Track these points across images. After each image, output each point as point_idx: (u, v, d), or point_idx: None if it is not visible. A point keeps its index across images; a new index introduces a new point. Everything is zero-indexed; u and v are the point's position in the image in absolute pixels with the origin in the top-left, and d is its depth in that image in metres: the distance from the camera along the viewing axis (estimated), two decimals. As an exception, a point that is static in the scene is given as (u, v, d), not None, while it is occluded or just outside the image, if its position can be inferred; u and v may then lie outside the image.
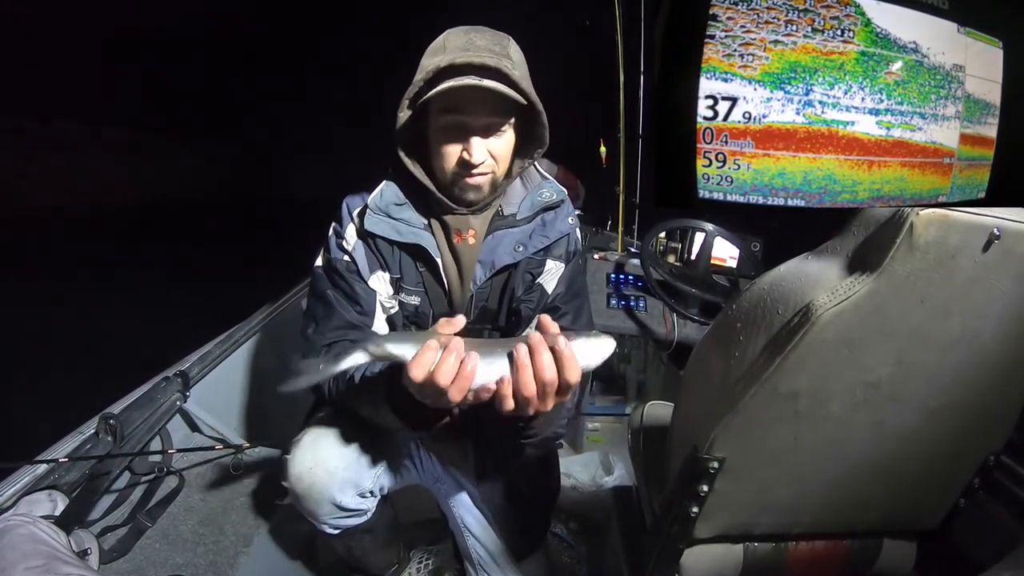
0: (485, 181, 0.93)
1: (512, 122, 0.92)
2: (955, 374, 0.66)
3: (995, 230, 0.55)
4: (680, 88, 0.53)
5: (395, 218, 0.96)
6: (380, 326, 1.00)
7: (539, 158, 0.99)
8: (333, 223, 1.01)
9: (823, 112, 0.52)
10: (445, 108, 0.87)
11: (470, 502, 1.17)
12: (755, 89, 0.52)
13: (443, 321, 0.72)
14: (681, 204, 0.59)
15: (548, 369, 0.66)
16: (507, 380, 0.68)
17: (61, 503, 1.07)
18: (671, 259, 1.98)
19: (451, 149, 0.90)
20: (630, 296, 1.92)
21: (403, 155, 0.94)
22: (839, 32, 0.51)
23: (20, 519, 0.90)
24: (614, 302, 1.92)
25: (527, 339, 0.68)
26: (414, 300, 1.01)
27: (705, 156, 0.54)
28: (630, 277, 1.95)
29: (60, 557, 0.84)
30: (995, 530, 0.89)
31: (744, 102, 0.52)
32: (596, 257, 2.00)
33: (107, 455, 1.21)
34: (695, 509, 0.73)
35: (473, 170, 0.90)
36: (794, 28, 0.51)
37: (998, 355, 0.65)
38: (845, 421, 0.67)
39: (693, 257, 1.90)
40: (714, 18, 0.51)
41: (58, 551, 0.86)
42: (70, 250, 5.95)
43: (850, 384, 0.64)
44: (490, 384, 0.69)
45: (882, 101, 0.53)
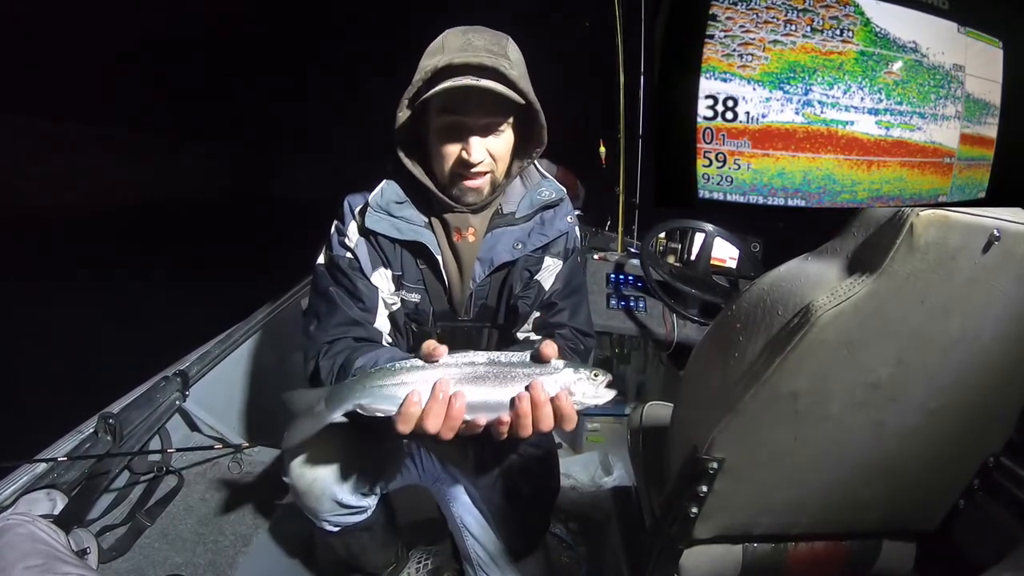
0: (484, 182, 0.93)
1: (511, 122, 0.92)
2: (955, 375, 0.66)
3: (995, 231, 0.55)
4: (680, 88, 0.53)
5: (396, 216, 0.97)
6: (382, 323, 1.01)
7: (538, 157, 1.00)
8: (335, 221, 1.02)
9: (822, 112, 0.52)
10: (444, 108, 0.88)
11: (469, 502, 1.17)
12: (754, 89, 0.52)
13: (427, 348, 0.73)
14: (681, 204, 0.59)
15: (547, 420, 0.70)
16: (504, 422, 0.72)
17: (60, 502, 1.07)
18: (671, 259, 1.98)
19: (450, 149, 0.90)
20: (630, 296, 1.92)
21: (403, 155, 0.94)
22: (838, 32, 0.51)
23: (19, 518, 0.90)
24: (614, 302, 1.92)
25: (531, 388, 0.70)
26: (414, 297, 1.02)
27: (705, 156, 0.54)
28: (630, 277, 1.95)
29: (59, 556, 0.84)
30: (995, 530, 0.89)
31: (744, 102, 0.52)
32: (596, 257, 2.00)
33: (106, 454, 1.21)
34: (695, 509, 0.73)
35: (472, 170, 0.90)
36: (793, 28, 0.51)
37: (998, 356, 0.65)
38: (845, 422, 0.67)
39: (693, 257, 1.90)
40: (713, 18, 0.51)
41: (57, 550, 0.86)
42: (70, 250, 5.96)
43: (850, 385, 0.64)
44: (481, 421, 0.72)
45: (881, 101, 0.53)
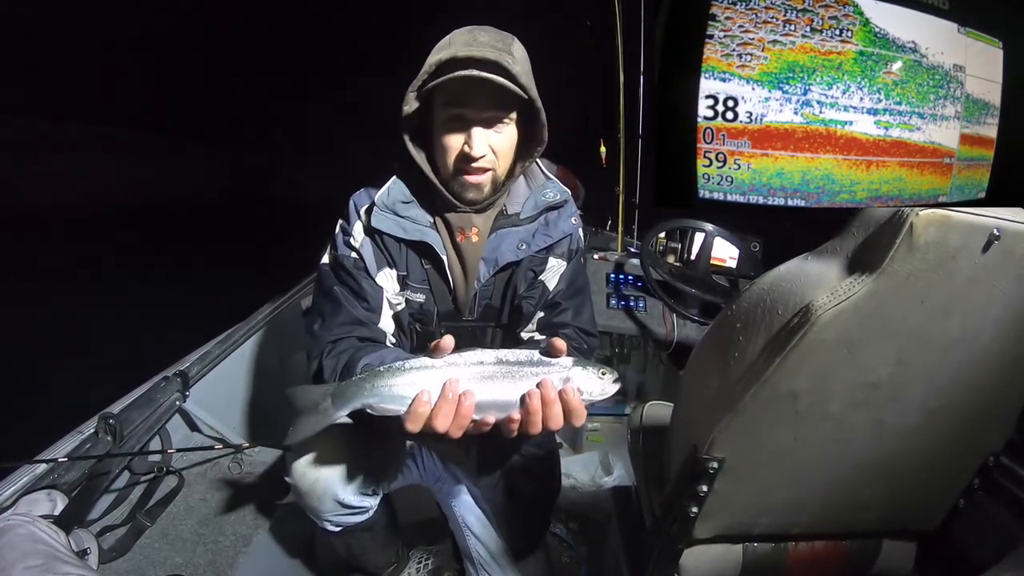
0: (486, 179, 0.93)
1: (513, 118, 0.92)
2: (955, 375, 0.66)
3: (995, 231, 0.55)
4: (680, 88, 0.53)
5: (402, 216, 0.97)
6: (386, 323, 1.01)
7: (539, 156, 1.00)
8: (340, 220, 1.02)
9: (821, 112, 0.52)
10: (448, 101, 0.89)
11: (471, 501, 1.17)
12: (753, 89, 0.52)
13: (435, 345, 0.73)
14: (681, 204, 0.59)
15: (557, 418, 0.72)
16: (515, 419, 0.73)
17: (60, 503, 1.07)
18: (671, 259, 1.98)
19: (453, 142, 0.90)
20: (630, 296, 1.92)
21: (409, 144, 0.94)
22: (837, 32, 0.51)
23: (19, 519, 0.90)
24: (614, 302, 1.92)
25: (541, 385, 0.71)
26: (419, 297, 1.02)
27: (705, 156, 0.54)
28: (630, 277, 1.95)
29: (59, 557, 0.84)
30: (995, 530, 0.89)
31: (743, 102, 0.52)
32: (596, 257, 2.00)
33: (106, 455, 1.21)
34: (695, 509, 0.73)
35: (473, 164, 0.90)
36: (792, 28, 0.51)
37: (998, 356, 0.65)
38: (845, 421, 0.67)
39: (693, 257, 1.90)
40: (713, 18, 0.51)
41: (57, 551, 0.86)
42: (71, 249, 5.98)
43: (850, 384, 0.64)
44: (491, 417, 0.73)
45: (880, 101, 0.53)
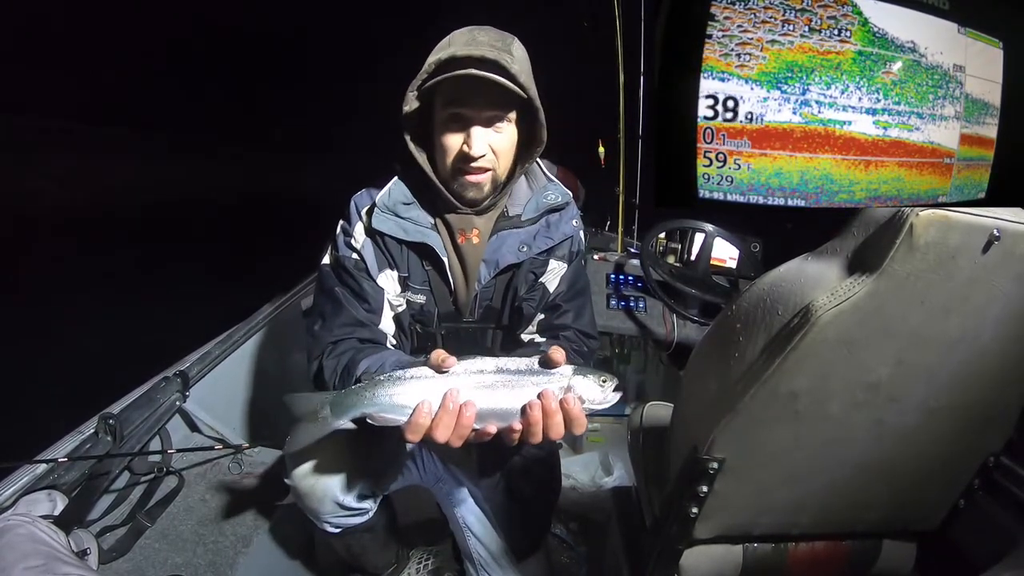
0: (485, 179, 0.93)
1: (513, 119, 0.92)
2: (955, 375, 0.66)
3: (995, 231, 0.55)
4: (680, 88, 0.53)
5: (403, 217, 0.97)
6: (387, 324, 1.01)
7: (538, 156, 1.00)
8: (341, 221, 1.02)
9: (820, 112, 0.52)
10: (447, 101, 0.89)
11: (472, 502, 1.17)
12: (752, 89, 0.52)
13: (436, 358, 0.73)
14: (681, 204, 0.59)
15: (558, 428, 0.72)
16: (516, 429, 0.73)
17: (60, 503, 1.07)
18: (671, 260, 1.98)
19: (452, 141, 0.90)
20: (630, 297, 1.92)
21: (410, 143, 0.94)
22: (836, 32, 0.51)
23: (19, 519, 0.90)
24: (614, 303, 1.92)
25: (542, 397, 0.71)
26: (420, 298, 1.03)
27: (705, 156, 0.54)
28: (630, 278, 1.95)
29: (59, 557, 0.84)
30: (995, 530, 0.89)
31: (743, 102, 0.52)
32: (596, 258, 2.00)
33: (106, 455, 1.21)
34: (695, 510, 0.73)
35: (473, 163, 0.90)
36: (791, 28, 0.51)
37: (998, 356, 0.65)
38: (845, 421, 0.67)
39: (693, 258, 1.90)
40: (711, 17, 0.51)
41: (57, 551, 0.86)
42: (80, 249, 6.00)
43: (850, 384, 0.64)
44: (492, 429, 0.73)
45: (879, 101, 0.53)
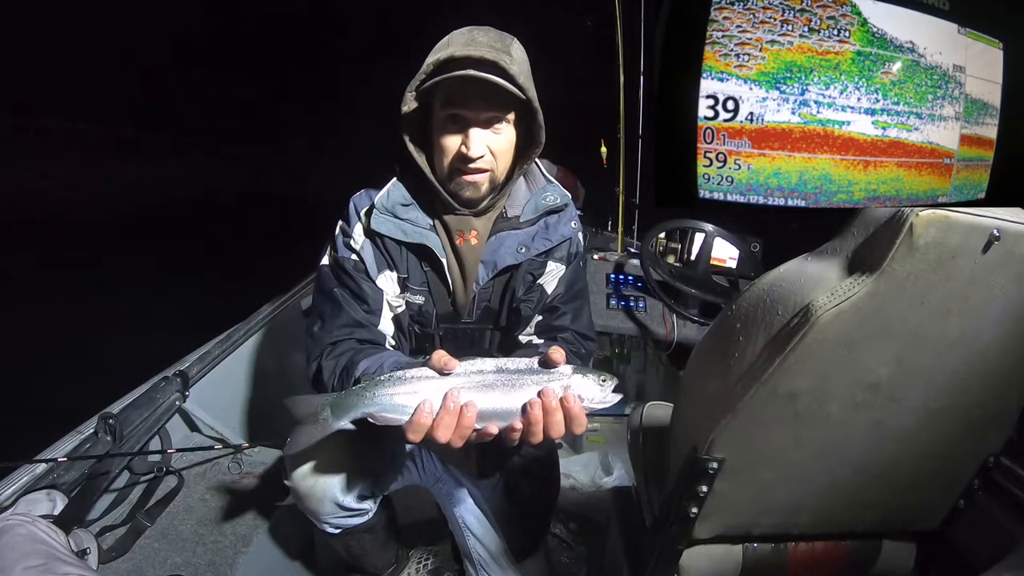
0: (483, 179, 0.93)
1: (511, 120, 0.92)
2: (955, 375, 0.66)
3: (995, 231, 0.55)
4: (680, 88, 0.53)
5: (401, 218, 0.97)
6: (386, 325, 1.01)
7: (536, 158, 1.00)
8: (340, 221, 1.02)
9: (819, 112, 0.52)
10: (446, 102, 0.89)
11: (471, 502, 1.17)
12: (751, 89, 0.52)
13: (438, 361, 0.73)
14: (682, 204, 0.59)
15: (558, 426, 0.72)
16: (517, 428, 0.73)
17: (60, 503, 1.07)
18: (671, 259, 1.98)
19: (451, 142, 0.90)
20: (630, 296, 1.92)
21: (409, 144, 0.94)
22: (835, 32, 0.51)
23: (19, 519, 0.90)
24: (614, 302, 1.92)
25: (542, 395, 0.71)
26: (419, 299, 1.03)
27: (706, 156, 0.54)
28: (630, 278, 1.95)
29: (59, 557, 0.84)
30: (995, 530, 0.89)
31: (743, 102, 0.52)
32: (596, 257, 2.00)
33: (106, 455, 1.21)
34: (695, 509, 0.73)
35: (470, 164, 0.90)
36: (790, 28, 0.51)
37: (998, 356, 0.65)
38: (845, 422, 0.67)
39: (693, 257, 1.90)
40: (711, 18, 0.51)
41: (57, 551, 0.86)
42: (87, 249, 6.02)
43: (850, 385, 0.64)
44: (493, 429, 0.73)
45: (878, 101, 0.53)
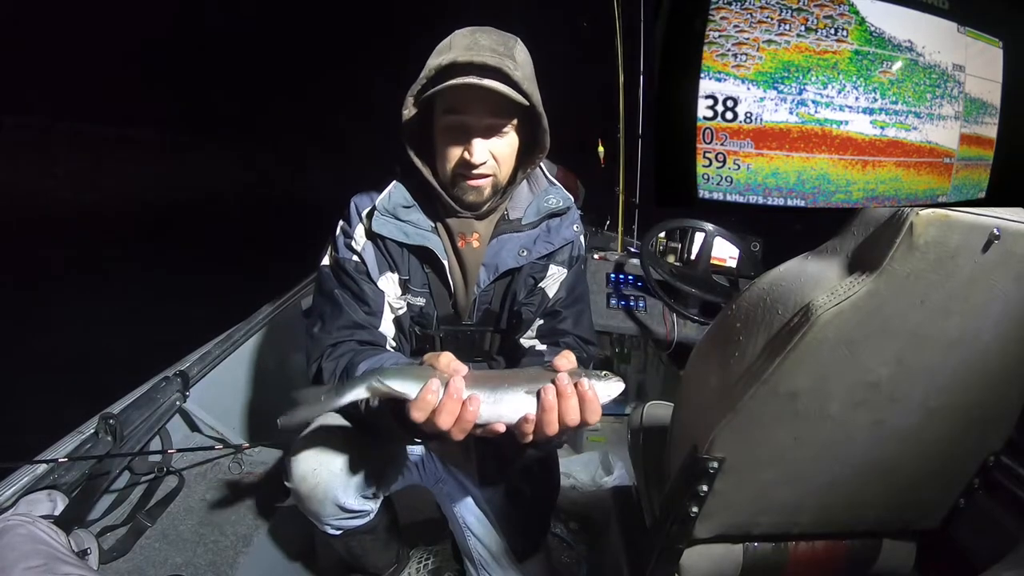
0: (485, 183, 0.93)
1: (515, 124, 0.92)
2: (955, 374, 0.66)
3: (995, 230, 0.55)
4: (679, 88, 0.53)
5: (403, 220, 0.97)
6: (387, 327, 1.00)
7: (540, 162, 0.99)
8: (341, 222, 1.01)
9: (816, 111, 0.52)
10: (448, 108, 0.88)
11: (471, 502, 1.17)
12: (748, 89, 0.52)
13: (445, 359, 0.72)
14: (682, 204, 0.59)
15: (574, 412, 0.69)
16: (531, 419, 0.71)
17: (61, 503, 1.07)
18: (671, 259, 1.98)
19: (453, 148, 0.90)
20: (630, 296, 1.92)
21: (410, 151, 0.94)
22: (832, 31, 0.51)
23: (20, 519, 0.90)
24: (614, 302, 1.92)
25: (554, 380, 0.70)
26: (419, 301, 1.02)
27: (705, 156, 0.54)
28: (630, 277, 1.95)
29: (60, 557, 0.84)
30: (995, 530, 0.89)
31: (741, 102, 0.52)
32: (596, 257, 2.00)
33: (107, 455, 1.21)
34: (695, 509, 0.73)
35: (474, 171, 0.90)
36: (787, 27, 0.51)
37: (998, 356, 0.65)
38: (845, 421, 0.67)
39: (693, 257, 1.90)
40: (709, 18, 0.51)
41: (58, 551, 0.86)
42: (93, 248, 6.04)
43: (850, 384, 0.64)
44: (500, 424, 0.71)
45: (876, 100, 0.53)
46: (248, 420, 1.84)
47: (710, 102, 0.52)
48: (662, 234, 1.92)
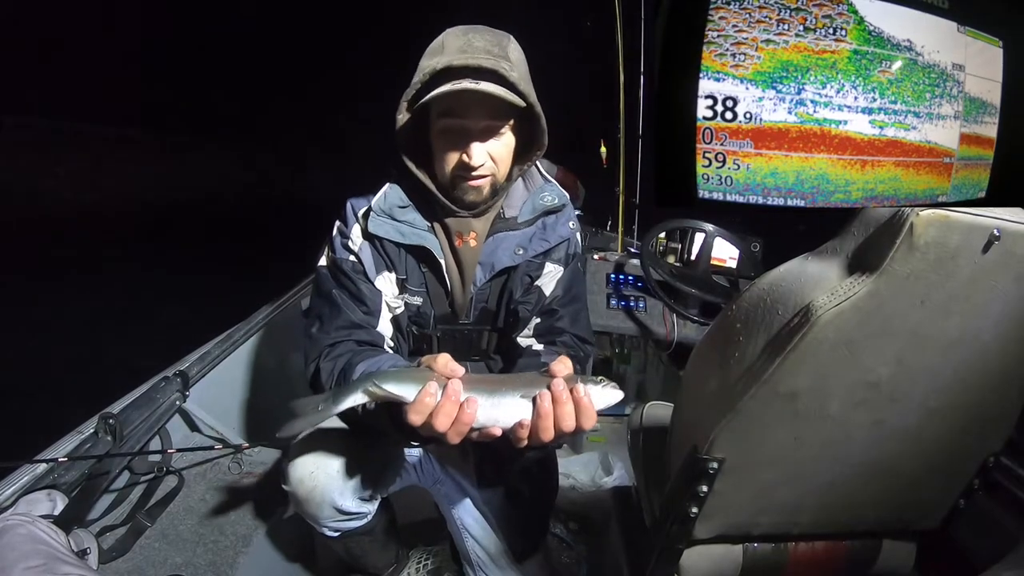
0: (485, 183, 0.93)
1: (511, 124, 0.91)
2: (955, 375, 0.65)
3: (995, 231, 0.55)
4: (679, 88, 0.53)
5: (399, 220, 0.97)
6: (385, 326, 1.00)
7: (538, 160, 0.99)
8: (338, 222, 1.01)
9: (815, 111, 0.52)
10: (444, 112, 0.87)
11: (470, 504, 1.17)
12: (747, 88, 0.52)
13: (443, 360, 0.72)
14: (682, 204, 0.59)
15: (569, 418, 0.69)
16: (526, 424, 0.70)
17: (60, 503, 1.06)
18: (671, 259, 1.98)
19: (451, 152, 0.90)
20: (630, 296, 1.92)
21: (405, 157, 0.94)
22: (831, 31, 0.51)
23: (19, 519, 0.90)
24: (614, 302, 1.92)
25: (550, 386, 0.70)
26: (417, 300, 1.02)
27: (705, 156, 0.54)
28: (630, 277, 1.95)
29: (59, 557, 0.84)
30: (995, 530, 0.89)
31: (741, 102, 0.52)
32: (596, 257, 2.00)
33: (106, 455, 1.21)
34: (695, 509, 0.73)
35: (472, 172, 0.90)
36: (786, 27, 0.51)
37: (998, 356, 0.65)
38: (845, 421, 0.67)
39: (693, 257, 1.90)
40: (708, 18, 0.51)
41: (57, 551, 0.86)
42: (94, 248, 6.05)
43: (850, 384, 0.64)
44: (496, 428, 0.71)
45: (875, 100, 0.52)
46: (248, 420, 1.83)
47: (709, 102, 0.52)
48: (662, 234, 1.92)
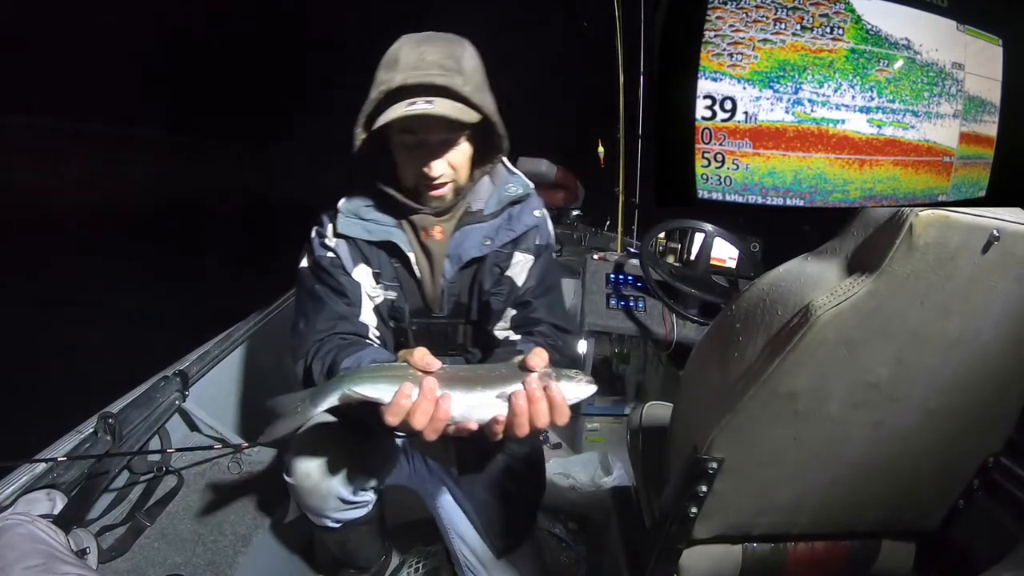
0: (447, 190, 0.97)
1: (467, 133, 0.94)
2: (954, 375, 0.65)
3: (995, 231, 0.55)
4: (678, 88, 0.53)
5: (366, 219, 1.00)
6: (367, 316, 1.03)
7: (499, 161, 1.03)
8: (315, 226, 1.05)
9: (813, 110, 0.52)
10: (401, 128, 0.90)
11: (452, 501, 1.17)
12: (745, 88, 0.51)
13: (419, 355, 0.72)
14: (681, 204, 0.59)
15: (543, 416, 0.70)
16: (501, 420, 0.71)
17: (60, 502, 1.06)
18: (670, 259, 1.98)
19: (410, 162, 0.94)
20: (629, 296, 1.92)
21: (368, 175, 0.98)
22: (828, 30, 0.51)
23: (18, 518, 0.90)
24: (613, 302, 1.92)
25: (525, 383, 0.70)
26: (391, 295, 1.05)
27: (704, 156, 0.54)
28: (629, 277, 1.94)
29: (59, 556, 0.84)
30: (995, 530, 0.89)
31: (738, 101, 0.52)
32: (596, 257, 2.00)
33: (106, 454, 1.21)
34: (694, 509, 0.73)
35: (434, 182, 0.94)
36: (783, 26, 0.51)
37: (997, 356, 0.65)
38: (844, 421, 0.67)
39: (692, 257, 1.90)
40: (705, 18, 0.51)
41: (57, 550, 0.86)
42: (96, 248, 6.05)
43: (849, 384, 0.64)
44: (472, 423, 0.72)
45: (873, 99, 0.52)
46: (247, 419, 1.83)
47: (708, 102, 0.52)
48: (662, 234, 1.92)
